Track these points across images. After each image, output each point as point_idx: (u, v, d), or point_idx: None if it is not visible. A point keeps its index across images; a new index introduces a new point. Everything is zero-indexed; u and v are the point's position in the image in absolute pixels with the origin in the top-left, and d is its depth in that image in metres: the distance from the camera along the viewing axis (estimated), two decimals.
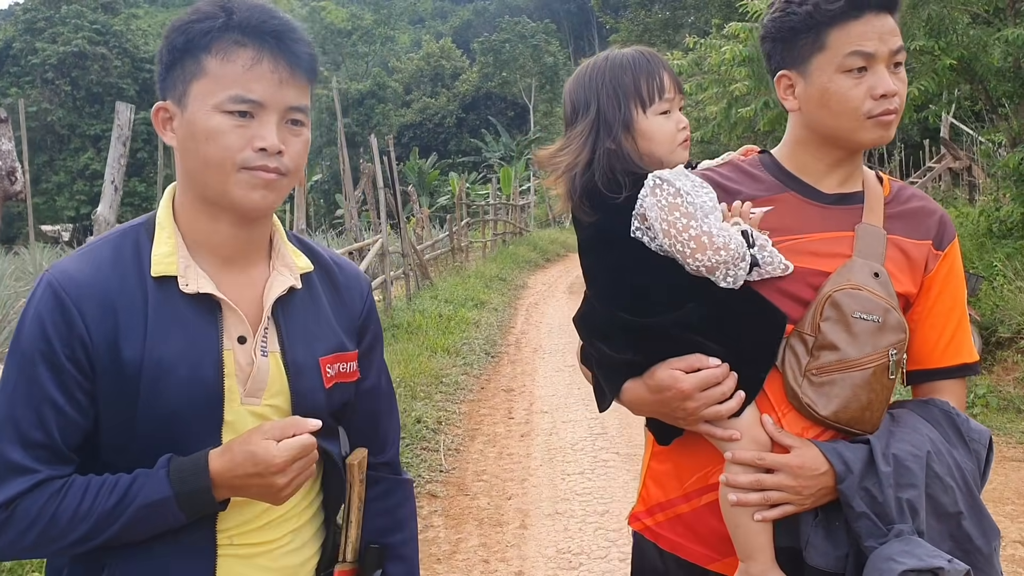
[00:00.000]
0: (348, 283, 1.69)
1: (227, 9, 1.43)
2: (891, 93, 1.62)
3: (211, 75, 1.41)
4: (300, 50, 1.46)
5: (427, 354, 9.56)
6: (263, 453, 1.38)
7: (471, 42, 72.12)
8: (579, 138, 1.71)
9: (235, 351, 1.48)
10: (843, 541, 1.59)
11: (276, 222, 1.62)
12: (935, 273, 1.75)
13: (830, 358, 1.61)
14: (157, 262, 1.46)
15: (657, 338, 1.64)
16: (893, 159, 30.17)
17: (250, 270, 1.54)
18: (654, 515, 1.81)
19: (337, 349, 1.60)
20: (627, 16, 40.54)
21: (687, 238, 1.57)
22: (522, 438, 7.03)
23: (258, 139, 1.41)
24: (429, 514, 5.35)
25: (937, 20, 9.01)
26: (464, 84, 61.79)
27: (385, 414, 1.77)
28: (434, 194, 47.66)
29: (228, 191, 1.44)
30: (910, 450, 1.58)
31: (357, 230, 11.81)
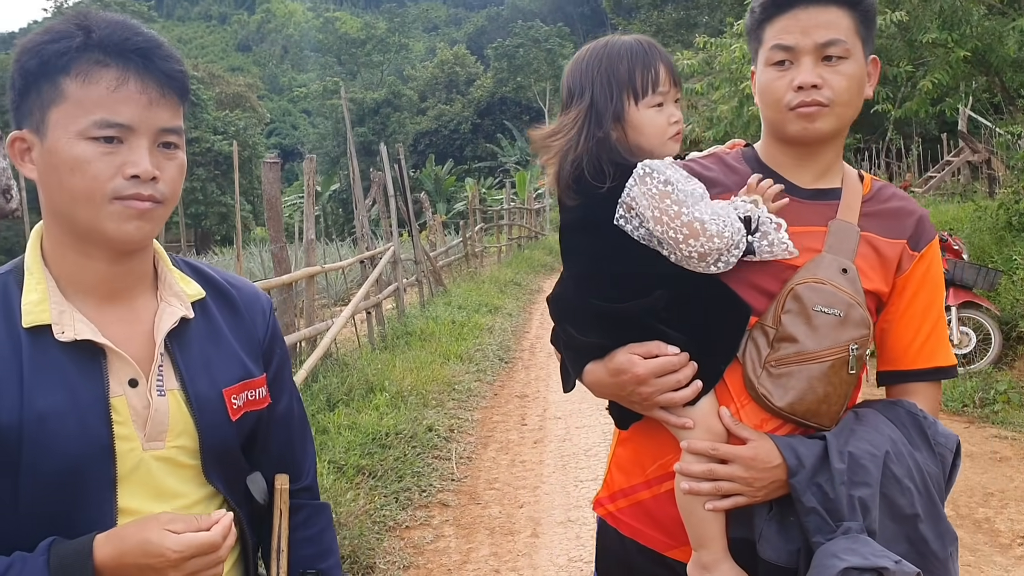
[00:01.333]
0: (248, 304, 1.60)
1: (84, 27, 1.32)
2: (808, 85, 1.63)
3: (72, 99, 1.30)
4: (169, 68, 1.36)
5: (440, 361, 9.51)
6: (156, 543, 1.25)
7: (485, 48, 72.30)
8: (571, 124, 1.71)
9: (127, 396, 1.37)
10: (796, 536, 1.60)
11: (159, 249, 1.51)
12: (910, 273, 1.75)
13: (789, 350, 1.62)
14: (28, 311, 1.34)
15: (623, 323, 1.66)
16: (911, 153, 29.91)
17: (135, 305, 1.44)
18: (616, 501, 1.83)
19: (243, 377, 1.51)
20: (640, 17, 40.47)
21: (679, 224, 1.58)
22: (535, 445, 6.96)
23: (129, 166, 1.31)
24: (440, 524, 5.29)
25: (950, 12, 8.89)
26: (479, 90, 61.97)
27: (300, 439, 1.69)
28: (451, 200, 47.77)
29: (99, 225, 1.32)
30: (867, 449, 1.58)
31: (368, 238, 11.78)
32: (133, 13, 47.69)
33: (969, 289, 8.35)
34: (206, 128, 42.53)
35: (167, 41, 1.39)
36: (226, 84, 59.62)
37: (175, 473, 1.42)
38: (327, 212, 48.68)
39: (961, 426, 6.82)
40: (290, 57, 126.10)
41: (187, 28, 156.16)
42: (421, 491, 5.75)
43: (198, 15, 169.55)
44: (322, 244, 21.31)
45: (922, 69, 10.40)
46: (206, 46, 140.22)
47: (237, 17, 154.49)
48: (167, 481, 1.41)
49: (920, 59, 10.38)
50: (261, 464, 1.60)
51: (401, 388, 7.94)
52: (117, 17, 1.37)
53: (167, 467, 1.41)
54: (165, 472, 1.41)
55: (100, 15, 1.35)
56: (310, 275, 8.82)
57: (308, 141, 70.94)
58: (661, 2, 38.02)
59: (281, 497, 1.54)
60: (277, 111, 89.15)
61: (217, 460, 1.47)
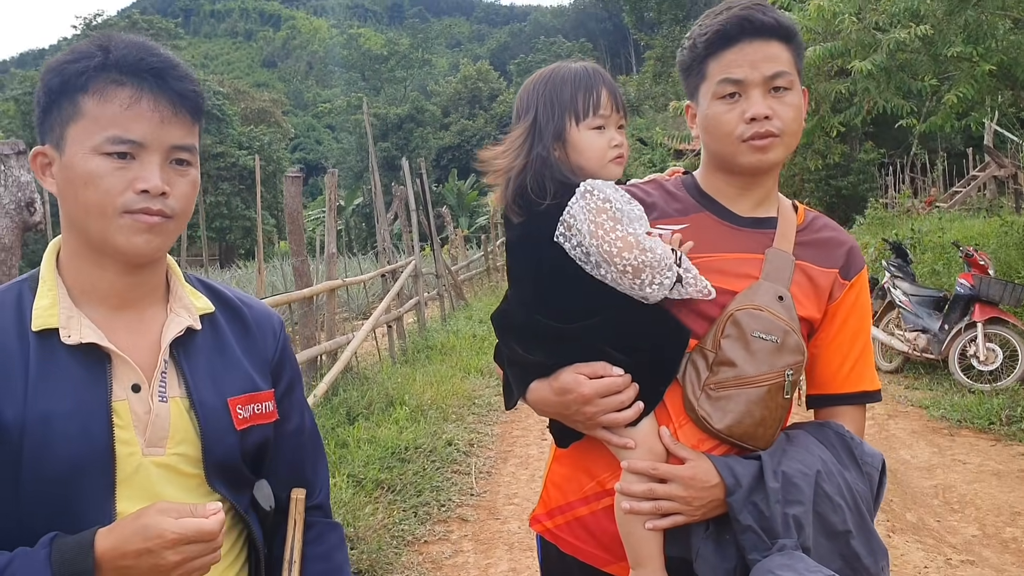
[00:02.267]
0: (259, 322, 1.63)
1: (104, 47, 1.38)
2: (760, 116, 1.68)
3: (88, 116, 1.35)
4: (183, 87, 1.40)
5: (460, 375, 9.50)
6: (154, 526, 1.26)
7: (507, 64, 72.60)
8: (515, 142, 1.77)
9: (130, 400, 1.39)
10: (732, 554, 1.63)
11: (172, 264, 1.55)
12: (840, 301, 1.81)
13: (728, 374, 1.67)
14: (37, 315, 1.39)
15: (567, 343, 1.69)
16: (936, 168, 29.67)
17: (144, 315, 1.47)
18: (553, 518, 1.85)
19: (249, 389, 1.53)
20: (662, 33, 40.53)
21: (614, 238, 1.61)
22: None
23: (139, 181, 1.35)
24: (459, 539, 5.26)
25: (975, 26, 8.81)
26: (501, 105, 62.13)
27: (312, 456, 1.70)
28: (473, 214, 47.88)
29: (110, 237, 1.37)
30: (800, 468, 1.63)
31: (390, 252, 11.82)
32: (161, 30, 48.16)
33: (995, 305, 8.26)
34: (231, 143, 42.83)
35: (184, 62, 1.43)
36: (251, 100, 60.13)
37: (175, 481, 1.44)
38: (350, 226, 48.93)
39: (988, 444, 6.73)
40: (315, 73, 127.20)
41: (214, 45, 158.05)
42: (440, 505, 5.73)
43: (224, 32, 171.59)
44: (344, 258, 21.40)
45: (947, 83, 10.32)
46: (232, 62, 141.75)
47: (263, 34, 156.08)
48: (166, 488, 1.42)
49: (945, 73, 10.30)
50: (274, 480, 1.61)
51: (421, 402, 7.93)
52: (137, 39, 1.42)
53: (167, 474, 1.42)
54: (164, 479, 1.42)
55: (121, 37, 1.40)
56: (331, 288, 8.85)
57: (332, 156, 71.43)
58: (683, 18, 38.02)
59: (296, 508, 1.55)
60: (301, 126, 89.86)
61: (221, 469, 1.48)
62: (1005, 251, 10.98)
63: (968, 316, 8.38)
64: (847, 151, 23.64)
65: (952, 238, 13.07)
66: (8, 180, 3.92)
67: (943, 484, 5.87)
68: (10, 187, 3.92)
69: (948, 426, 7.28)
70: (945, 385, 8.56)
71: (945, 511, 5.39)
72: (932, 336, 8.75)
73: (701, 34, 1.75)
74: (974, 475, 6.02)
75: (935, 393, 8.37)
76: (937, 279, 11.68)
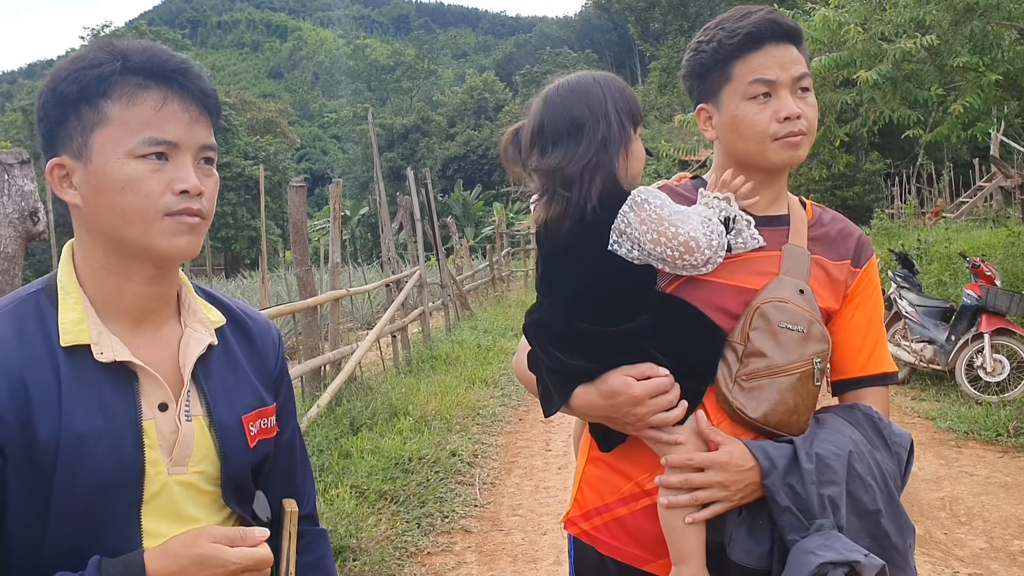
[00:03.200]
0: (261, 334, 1.62)
1: (120, 54, 1.36)
2: (794, 115, 1.76)
3: (116, 121, 1.33)
4: (204, 87, 1.40)
5: (464, 386, 9.48)
6: (217, 556, 1.27)
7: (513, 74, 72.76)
8: (585, 153, 1.72)
9: (156, 419, 1.38)
10: (766, 538, 1.68)
11: (182, 275, 1.53)
12: (854, 289, 1.89)
13: (759, 364, 1.73)
14: (67, 330, 1.35)
15: (614, 347, 1.71)
16: (942, 178, 29.63)
17: (162, 330, 1.45)
18: (590, 519, 1.88)
19: (258, 405, 1.53)
20: (667, 44, 40.60)
21: (676, 244, 1.67)
22: (560, 471, 6.89)
23: (178, 181, 1.34)
24: (463, 550, 5.23)
25: (981, 36, 8.80)
26: (507, 116, 62.19)
27: (302, 467, 1.71)
28: (478, 224, 47.91)
29: (152, 241, 1.35)
30: (832, 449, 1.68)
31: (395, 262, 11.81)
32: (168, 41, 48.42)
33: (1003, 316, 8.22)
34: (237, 153, 43.01)
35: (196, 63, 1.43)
36: (258, 110, 60.39)
37: (195, 498, 1.43)
38: (355, 236, 49.00)
39: (995, 456, 6.68)
40: (321, 84, 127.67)
41: (220, 55, 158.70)
42: (443, 517, 5.70)
43: (231, 43, 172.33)
44: (349, 268, 21.40)
45: (953, 93, 10.30)
46: (239, 73, 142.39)
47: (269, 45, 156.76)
48: (187, 506, 1.42)
49: (951, 83, 10.28)
50: (269, 491, 1.61)
51: (425, 412, 7.91)
52: (147, 43, 1.40)
53: (188, 492, 1.42)
54: (185, 497, 1.42)
55: (129, 43, 1.38)
56: (335, 298, 8.83)
57: (337, 166, 71.59)
58: (688, 29, 38.08)
59: (290, 519, 1.55)
60: (307, 136, 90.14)
61: (234, 485, 1.48)
62: (1012, 262, 10.93)
63: (975, 327, 8.34)
64: (852, 161, 23.62)
65: (958, 249, 13.03)
66: (12, 189, 3.92)
67: (950, 496, 5.83)
68: (13, 196, 3.92)
69: (955, 438, 7.24)
70: (952, 396, 8.51)
71: (952, 523, 5.35)
72: (938, 347, 8.71)
73: (728, 36, 1.79)
74: (981, 487, 5.97)
75: (942, 404, 8.32)
76: (944, 290, 11.64)
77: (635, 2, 43.66)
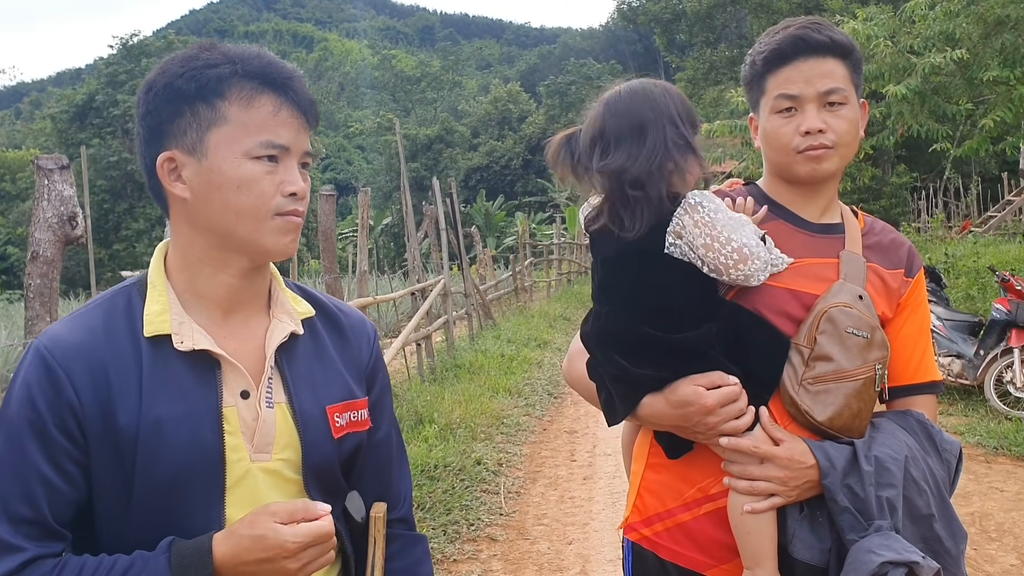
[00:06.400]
0: (354, 329, 1.65)
1: (236, 58, 1.41)
2: (815, 129, 1.79)
3: (234, 122, 1.38)
4: (310, 97, 1.47)
5: (488, 394, 9.49)
6: (273, 537, 1.31)
7: (537, 85, 72.90)
8: (650, 155, 1.72)
9: (238, 407, 1.42)
10: (827, 535, 1.71)
11: (273, 270, 1.58)
12: (907, 298, 1.92)
13: (826, 368, 1.74)
14: (149, 321, 1.41)
15: (683, 354, 1.71)
16: (970, 193, 29.38)
17: (250, 321, 1.50)
18: (652, 525, 1.89)
19: (346, 397, 1.55)
20: (693, 55, 40.53)
21: (730, 251, 1.68)
22: (584, 481, 6.89)
23: (287, 184, 1.41)
24: (488, 558, 5.24)
25: (1012, 49, 8.76)
26: (530, 127, 62.35)
27: (397, 467, 1.71)
28: (501, 235, 47.95)
29: (260, 239, 1.41)
30: (890, 453, 1.71)
31: (419, 271, 11.86)
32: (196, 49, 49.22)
33: None
34: None
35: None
36: None
37: (279, 486, 1.46)
38: (379, 246, 49.16)
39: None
40: (346, 94, 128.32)
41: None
42: (469, 525, 5.72)
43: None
44: (374, 276, 21.47)
45: (982, 107, 10.24)
46: None
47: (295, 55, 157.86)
48: (271, 494, 1.45)
49: (980, 97, 10.23)
50: (360, 490, 1.62)
51: (450, 420, 7.93)
52: (257, 49, 1.45)
53: (272, 479, 1.45)
54: (269, 484, 1.45)
55: (239, 48, 1.44)
56: (362, 306, 8.88)
57: (362, 176, 71.91)
58: (714, 40, 38.03)
59: (376, 525, 1.55)
60: (332, 147, 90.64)
61: (317, 476, 1.50)
62: None
63: (1004, 341, 8.26)
64: (879, 174, 23.47)
65: (987, 263, 12.92)
66: (52, 194, 3.98)
67: (980, 512, 5.77)
68: (53, 201, 3.99)
69: (984, 453, 7.17)
70: (980, 411, 8.43)
71: (982, 540, 5.30)
72: (967, 361, 8.63)
73: (760, 52, 1.87)
74: (1012, 503, 5.91)
75: (970, 419, 8.24)
76: (972, 304, 11.54)
77: (661, 13, 43.65)
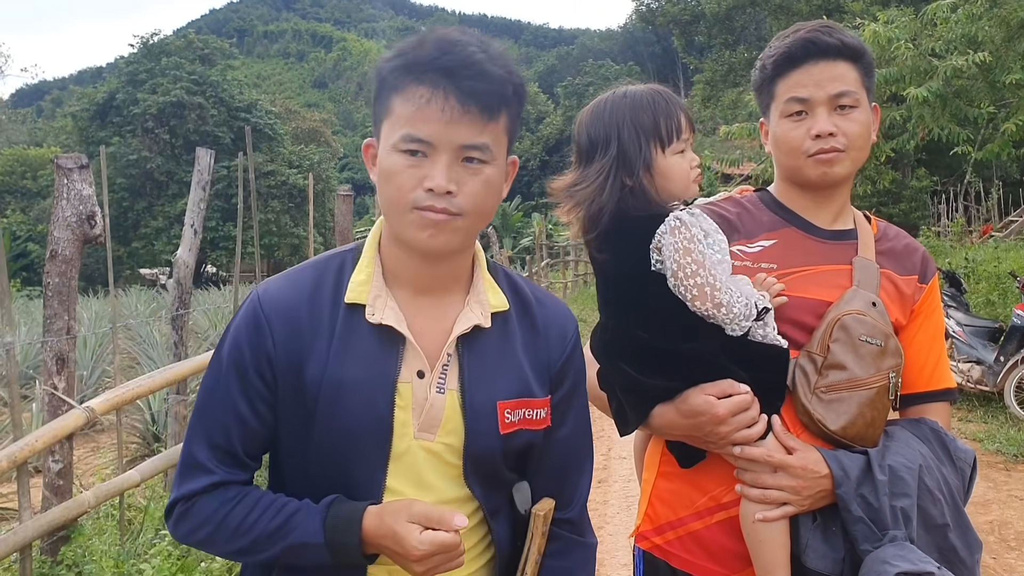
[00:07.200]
0: (548, 323, 1.62)
1: (419, 44, 1.42)
2: (825, 133, 1.78)
3: (394, 114, 1.41)
4: (474, 86, 1.38)
5: None
6: (404, 537, 1.37)
7: (555, 86, 72.89)
8: (598, 174, 1.76)
9: (413, 384, 1.48)
10: (839, 545, 1.70)
11: (480, 254, 1.60)
12: (920, 304, 1.90)
13: (839, 377, 1.73)
14: (351, 289, 1.49)
15: (691, 364, 1.70)
16: (991, 197, 29.15)
17: (444, 302, 1.54)
18: (663, 533, 1.87)
19: (522, 394, 1.54)
20: (711, 56, 40.41)
21: (691, 284, 1.65)
22: (599, 484, 6.86)
23: (427, 179, 1.39)
24: None
25: None
26: (548, 127, 62.39)
27: (575, 469, 1.67)
28: (518, 235, 47.95)
29: (403, 230, 1.44)
30: (904, 462, 1.70)
31: None
32: (215, 50, 48.89)
33: None
34: (282, 162, 43.31)
35: (490, 55, 1.41)
36: (302, 119, 60.96)
37: (438, 468, 1.51)
38: None
39: None
40: (364, 94, 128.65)
41: (266, 65, 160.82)
42: None
43: (277, 52, 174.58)
44: None
45: (1004, 111, 10.15)
46: (284, 82, 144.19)
47: (314, 55, 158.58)
48: (429, 473, 1.50)
49: (1002, 100, 10.13)
50: (532, 485, 1.63)
51: None
52: (451, 34, 1.43)
53: (431, 460, 1.50)
54: (429, 464, 1.50)
55: (438, 34, 1.43)
56: None
57: None
58: (733, 42, 37.89)
59: (535, 522, 1.56)
60: (350, 146, 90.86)
61: (478, 466, 1.52)
62: None
63: None
64: (898, 178, 23.33)
65: (1008, 268, 12.79)
66: (71, 193, 4.00)
67: (999, 520, 5.72)
68: (72, 200, 4.00)
69: (1004, 460, 7.10)
70: (1000, 418, 8.35)
71: (1001, 548, 5.25)
72: (987, 368, 8.56)
73: (770, 56, 1.87)
74: None
75: (990, 426, 8.17)
76: (992, 309, 11.43)
77: (680, 15, 43.55)
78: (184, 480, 1.48)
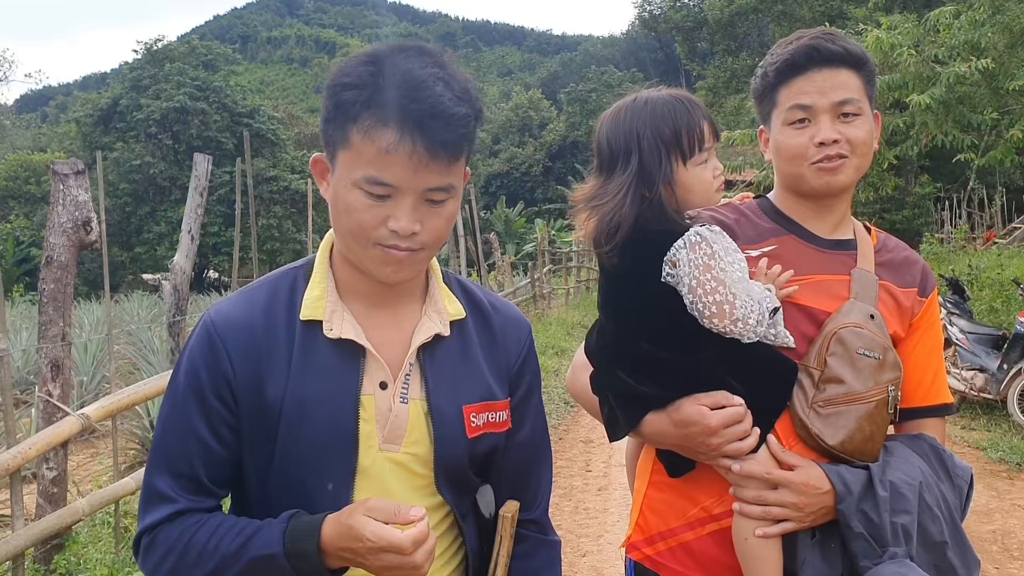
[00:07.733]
0: (504, 328, 1.65)
1: (378, 76, 1.36)
2: (829, 140, 1.76)
3: (354, 149, 1.37)
4: (443, 138, 1.35)
5: None
6: (357, 527, 1.34)
7: (558, 92, 73.01)
8: (618, 189, 1.73)
9: (375, 396, 1.47)
10: (838, 562, 1.67)
11: (434, 265, 1.60)
12: (919, 317, 1.88)
13: (837, 391, 1.70)
14: (306, 306, 1.48)
15: (685, 374, 1.67)
16: (994, 204, 29.13)
17: (400, 313, 1.54)
18: (654, 544, 1.85)
19: (485, 398, 1.56)
20: (714, 63, 40.42)
21: (711, 301, 1.63)
22: (599, 492, 6.83)
23: (392, 220, 1.38)
24: None
25: None
26: (551, 133, 62.38)
27: (537, 469, 1.70)
28: (520, 241, 47.98)
29: (364, 262, 1.44)
30: (905, 479, 1.67)
31: None
32: (219, 55, 48.98)
33: None
34: (284, 167, 43.35)
35: (454, 91, 1.37)
36: (305, 125, 60.99)
37: (404, 479, 1.50)
38: None
39: None
40: None
41: (270, 71, 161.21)
42: None
43: (280, 58, 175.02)
44: None
45: (1007, 117, 10.12)
46: (287, 88, 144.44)
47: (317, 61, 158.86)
48: (395, 485, 1.49)
49: (1005, 107, 10.10)
50: (495, 488, 1.64)
51: None
52: (412, 71, 1.37)
53: (397, 471, 1.49)
54: (395, 476, 1.49)
55: (399, 61, 1.37)
56: None
57: None
58: (735, 48, 37.89)
59: (503, 524, 1.57)
60: None
61: (448, 473, 1.52)
62: None
63: None
64: (901, 184, 23.29)
65: (1011, 275, 12.77)
66: (66, 199, 3.98)
67: (1002, 530, 5.67)
68: (68, 206, 3.99)
69: (1007, 469, 7.06)
70: (1003, 426, 8.31)
71: (1004, 558, 5.20)
72: (990, 375, 8.51)
73: (772, 63, 1.84)
74: None
75: (993, 434, 8.13)
76: (995, 317, 11.40)
77: (682, 22, 43.56)
78: (147, 512, 1.45)
